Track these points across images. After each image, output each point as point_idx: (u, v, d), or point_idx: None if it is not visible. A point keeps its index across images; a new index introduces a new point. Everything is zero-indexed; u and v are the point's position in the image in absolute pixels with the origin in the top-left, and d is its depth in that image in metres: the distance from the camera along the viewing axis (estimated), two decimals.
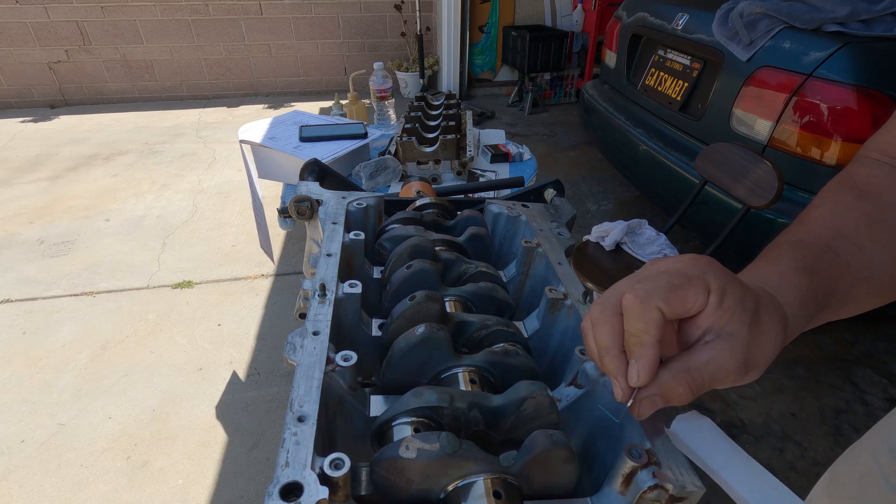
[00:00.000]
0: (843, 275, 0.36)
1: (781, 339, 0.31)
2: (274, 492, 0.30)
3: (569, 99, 4.73)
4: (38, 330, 2.02)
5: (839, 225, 0.38)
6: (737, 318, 0.30)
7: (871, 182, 0.42)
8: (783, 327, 0.32)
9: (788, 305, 0.33)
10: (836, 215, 0.39)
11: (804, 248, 0.36)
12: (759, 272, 0.35)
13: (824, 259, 0.36)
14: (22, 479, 1.48)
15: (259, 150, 1.49)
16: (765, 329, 0.30)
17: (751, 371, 0.30)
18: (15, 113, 4.33)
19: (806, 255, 0.36)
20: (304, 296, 0.50)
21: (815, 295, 0.34)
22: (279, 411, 1.69)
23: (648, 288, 0.30)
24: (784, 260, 0.35)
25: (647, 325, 0.30)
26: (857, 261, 0.37)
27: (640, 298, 0.30)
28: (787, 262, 0.35)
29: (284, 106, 4.60)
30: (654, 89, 2.31)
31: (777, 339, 0.31)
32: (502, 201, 0.69)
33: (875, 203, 0.40)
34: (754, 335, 0.30)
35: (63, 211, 2.85)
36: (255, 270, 2.38)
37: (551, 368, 0.53)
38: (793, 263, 0.35)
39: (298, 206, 0.62)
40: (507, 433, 0.39)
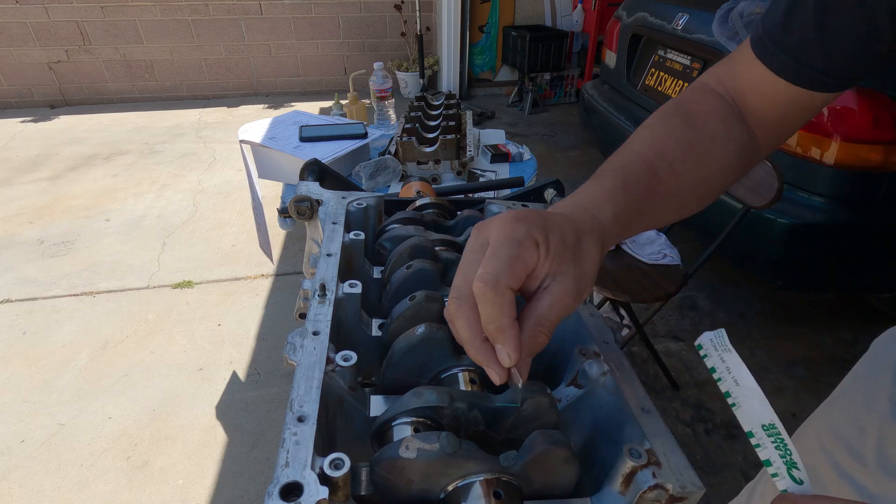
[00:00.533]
0: (656, 192, 0.41)
1: (600, 256, 0.36)
2: (274, 492, 0.30)
3: (569, 99, 4.73)
4: (38, 330, 2.02)
5: (662, 146, 0.43)
6: (563, 259, 0.33)
7: (700, 111, 0.46)
8: (601, 245, 0.36)
9: (607, 221, 0.37)
10: (662, 137, 0.44)
11: (627, 169, 0.40)
12: (586, 192, 0.39)
13: (643, 178, 0.40)
14: (22, 479, 1.48)
15: (259, 150, 1.49)
16: (586, 253, 0.34)
17: (584, 293, 0.34)
18: (15, 113, 4.33)
19: (627, 174, 0.40)
20: (304, 296, 0.50)
21: (630, 210, 0.39)
22: (279, 411, 1.69)
23: (494, 270, 0.31)
24: (608, 180, 0.40)
25: (503, 308, 0.31)
26: (670, 180, 0.41)
27: (490, 285, 0.31)
28: (611, 181, 0.39)
29: (284, 106, 4.60)
30: (654, 89, 2.31)
31: (597, 257, 0.35)
32: (502, 201, 0.69)
33: (697, 131, 0.45)
34: (579, 265, 0.34)
35: (63, 211, 2.85)
36: (255, 270, 2.38)
37: (551, 368, 0.53)
38: (615, 182, 0.39)
39: (298, 206, 0.62)
40: (507, 433, 0.39)
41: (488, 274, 0.31)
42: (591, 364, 0.43)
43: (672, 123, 0.45)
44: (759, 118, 0.48)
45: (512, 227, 0.32)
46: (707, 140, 0.44)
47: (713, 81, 0.49)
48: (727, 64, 0.49)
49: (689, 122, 0.45)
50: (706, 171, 0.44)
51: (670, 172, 0.41)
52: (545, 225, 0.33)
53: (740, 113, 0.47)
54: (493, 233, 0.33)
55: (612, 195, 0.38)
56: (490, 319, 0.31)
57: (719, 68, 0.50)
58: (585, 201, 0.38)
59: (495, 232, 0.32)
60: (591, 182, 0.40)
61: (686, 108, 0.46)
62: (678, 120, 0.45)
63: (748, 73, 0.47)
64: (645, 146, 0.42)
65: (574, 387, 0.43)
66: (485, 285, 0.30)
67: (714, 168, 0.45)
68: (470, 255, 0.33)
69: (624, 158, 0.42)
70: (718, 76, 0.49)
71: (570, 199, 0.38)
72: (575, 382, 0.43)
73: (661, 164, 0.41)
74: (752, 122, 0.48)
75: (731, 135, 0.46)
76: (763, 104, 0.47)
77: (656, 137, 0.43)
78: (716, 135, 0.45)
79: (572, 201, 0.38)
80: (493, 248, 0.32)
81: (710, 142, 0.44)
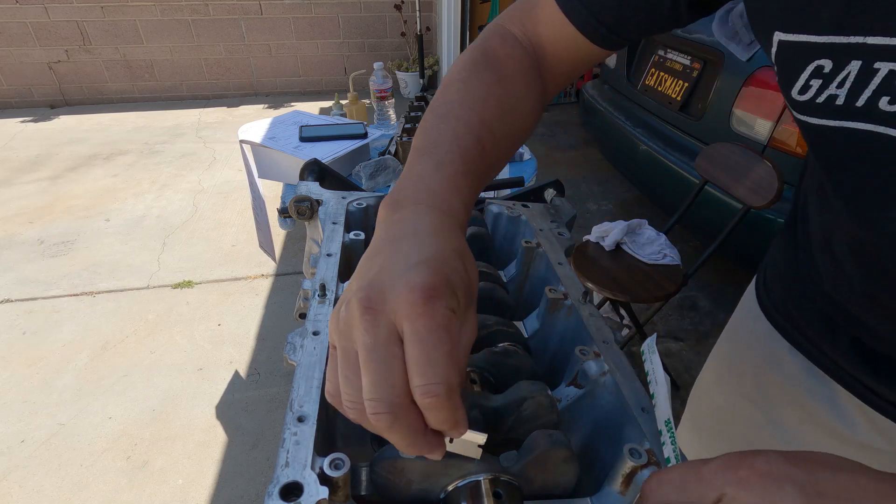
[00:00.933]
0: (486, 167, 0.40)
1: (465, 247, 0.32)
2: (274, 492, 0.30)
3: (569, 99, 4.73)
4: (38, 330, 2.02)
5: (483, 113, 0.41)
6: (469, 301, 0.29)
7: (509, 65, 0.45)
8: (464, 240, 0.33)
9: (461, 216, 0.35)
10: (480, 99, 0.41)
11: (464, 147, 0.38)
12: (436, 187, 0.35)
13: (476, 156, 0.38)
14: (22, 479, 1.48)
15: (259, 150, 1.49)
16: (470, 272, 0.31)
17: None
18: (15, 113, 4.33)
19: (464, 153, 0.37)
20: (304, 296, 0.50)
21: (472, 193, 0.37)
22: (279, 411, 1.69)
23: (440, 378, 0.25)
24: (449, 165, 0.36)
25: (458, 406, 0.26)
26: (494, 150, 0.40)
27: (444, 395, 0.25)
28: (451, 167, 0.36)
29: (284, 106, 4.60)
30: (654, 89, 2.32)
31: (472, 263, 0.32)
32: (502, 201, 0.69)
33: (508, 90, 0.43)
34: (474, 290, 0.30)
35: (63, 211, 2.85)
36: (255, 270, 2.38)
37: (551, 368, 0.53)
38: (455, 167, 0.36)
39: (298, 206, 0.62)
40: (507, 433, 0.39)
41: (437, 385, 0.25)
42: (591, 364, 0.43)
43: (486, 80, 0.43)
44: (553, 68, 0.49)
45: (432, 312, 0.25)
46: (516, 101, 0.44)
47: (516, 29, 0.49)
48: (530, 10, 0.49)
49: (500, 79, 0.44)
50: (516, 132, 0.44)
51: (493, 143, 0.40)
52: (452, 284, 0.27)
53: (538, 64, 0.48)
54: (407, 321, 0.25)
55: (458, 184, 0.36)
56: (445, 420, 0.26)
57: (522, 14, 0.49)
58: (440, 201, 0.34)
59: (412, 321, 0.25)
60: (435, 168, 0.36)
61: (496, 61, 0.45)
62: (490, 76, 0.44)
63: (550, 23, 0.47)
64: (466, 110, 0.40)
65: (574, 387, 0.43)
66: (438, 398, 0.25)
67: (520, 128, 0.45)
68: (380, 351, 0.25)
69: (453, 131, 0.39)
70: (522, 22, 0.49)
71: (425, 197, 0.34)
72: (575, 382, 0.43)
73: (486, 135, 0.40)
74: (546, 73, 0.49)
75: (533, 91, 0.46)
76: (560, 55, 0.48)
77: (475, 100, 0.41)
78: (523, 94, 0.45)
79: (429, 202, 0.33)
80: (421, 346, 0.25)
81: (518, 102, 0.44)
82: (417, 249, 0.29)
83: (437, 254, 0.29)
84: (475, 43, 0.48)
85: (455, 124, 0.39)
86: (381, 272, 0.28)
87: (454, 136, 0.38)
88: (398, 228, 0.31)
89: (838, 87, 0.32)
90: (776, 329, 0.60)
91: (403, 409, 0.25)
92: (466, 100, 0.41)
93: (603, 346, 0.45)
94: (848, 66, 0.32)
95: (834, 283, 0.49)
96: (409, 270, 0.27)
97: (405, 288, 0.26)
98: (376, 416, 0.25)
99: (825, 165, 0.39)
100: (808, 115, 0.35)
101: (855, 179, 0.36)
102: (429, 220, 0.32)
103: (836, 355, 0.52)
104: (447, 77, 0.45)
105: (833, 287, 0.49)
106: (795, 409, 0.58)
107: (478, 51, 0.46)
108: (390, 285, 0.27)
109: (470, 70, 0.44)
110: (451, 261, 0.29)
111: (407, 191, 0.34)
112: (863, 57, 0.31)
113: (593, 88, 2.89)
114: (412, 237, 0.30)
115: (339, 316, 0.28)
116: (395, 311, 0.26)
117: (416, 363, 0.25)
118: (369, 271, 0.29)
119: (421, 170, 0.36)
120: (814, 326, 0.54)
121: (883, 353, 0.46)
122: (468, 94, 0.42)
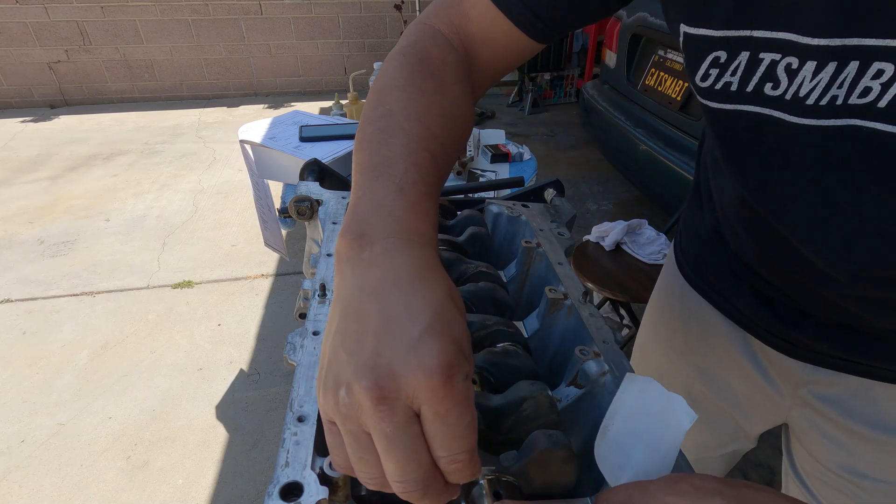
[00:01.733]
0: (440, 181, 0.37)
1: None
2: (274, 492, 0.30)
3: (569, 99, 4.73)
4: (38, 330, 2.02)
5: (429, 124, 0.38)
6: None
7: (447, 71, 0.43)
8: (443, 269, 0.31)
9: (432, 239, 0.32)
10: (424, 109, 0.39)
11: (419, 165, 0.35)
12: (407, 219, 0.31)
13: (433, 173, 0.36)
14: (22, 479, 1.48)
15: (259, 150, 1.49)
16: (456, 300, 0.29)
17: None
18: (15, 113, 4.33)
19: (421, 171, 0.34)
20: (304, 296, 0.50)
21: (435, 212, 0.34)
22: (279, 411, 1.69)
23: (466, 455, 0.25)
24: (411, 189, 0.33)
25: (476, 463, 0.26)
26: (444, 163, 0.38)
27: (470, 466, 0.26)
28: (414, 190, 0.33)
29: (284, 106, 4.60)
30: (654, 89, 2.31)
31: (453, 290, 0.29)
32: (502, 201, 0.69)
33: (450, 98, 0.42)
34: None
35: (63, 211, 2.85)
36: (255, 270, 2.38)
37: (551, 368, 0.53)
38: (419, 190, 0.33)
39: (298, 206, 0.62)
40: (507, 433, 0.39)
41: (461, 454, 0.25)
42: (591, 364, 0.43)
43: (427, 89, 0.41)
44: (483, 68, 0.48)
45: (452, 392, 0.24)
46: (457, 108, 0.42)
47: (446, 29, 0.47)
48: (457, 7, 0.47)
49: (441, 86, 0.42)
50: (460, 142, 0.42)
51: (444, 156, 0.38)
52: (461, 346, 0.26)
53: (469, 65, 0.47)
54: (428, 405, 0.24)
55: (424, 207, 0.33)
56: (466, 477, 0.26)
57: (449, 11, 0.47)
58: (412, 231, 0.31)
59: (433, 405, 0.24)
60: (398, 192, 0.32)
61: (433, 67, 0.43)
62: (431, 83, 0.41)
63: (482, 19, 0.46)
64: (413, 122, 0.37)
65: (574, 387, 0.43)
66: (462, 464, 0.25)
67: (461, 137, 0.42)
68: (402, 437, 0.24)
69: (405, 147, 0.35)
70: (451, 21, 0.47)
71: (395, 229, 0.30)
72: (575, 382, 0.43)
73: (437, 148, 0.37)
74: (476, 74, 0.47)
75: (466, 96, 0.44)
76: (492, 54, 0.47)
77: (420, 111, 0.39)
78: (462, 101, 0.43)
79: (401, 234, 0.30)
80: (444, 426, 0.24)
81: (459, 110, 0.42)
82: (412, 309, 0.26)
83: (436, 310, 0.26)
84: (405, 45, 0.45)
85: (405, 139, 0.36)
86: (380, 347, 0.25)
87: (408, 153, 0.35)
88: (374, 275, 0.28)
89: (731, 74, 0.37)
90: (690, 285, 0.66)
91: (431, 479, 0.25)
92: (411, 110, 0.38)
93: (603, 346, 0.45)
94: (739, 56, 0.36)
95: (732, 240, 0.55)
96: (417, 346, 0.24)
97: (422, 372, 0.24)
98: (407, 494, 0.25)
99: (720, 140, 0.44)
100: (709, 99, 0.40)
101: (743, 152, 0.42)
102: (408, 261, 0.29)
103: (740, 304, 0.58)
104: (379, 82, 0.42)
105: (732, 243, 0.55)
106: (720, 357, 0.65)
107: (412, 55, 0.44)
108: (400, 367, 0.24)
109: (407, 76, 0.42)
110: (449, 313, 0.27)
111: (370, 222, 0.31)
112: (750, 48, 0.35)
113: (593, 88, 2.89)
114: (397, 288, 0.27)
115: (337, 398, 0.25)
116: (411, 396, 0.24)
117: (440, 439, 0.25)
118: (362, 343, 0.25)
119: (382, 195, 0.32)
120: (721, 280, 0.60)
121: (777, 299, 0.53)
122: (411, 104, 0.39)
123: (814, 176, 0.37)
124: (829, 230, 0.38)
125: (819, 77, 0.33)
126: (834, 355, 0.52)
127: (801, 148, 0.36)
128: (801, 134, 0.35)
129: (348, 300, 0.28)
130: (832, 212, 0.37)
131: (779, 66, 0.34)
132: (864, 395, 0.52)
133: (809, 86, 0.33)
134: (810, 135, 0.35)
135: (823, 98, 0.33)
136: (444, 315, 0.26)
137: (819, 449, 0.59)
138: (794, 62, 0.33)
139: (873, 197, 0.34)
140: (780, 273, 0.50)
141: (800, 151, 0.36)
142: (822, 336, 0.51)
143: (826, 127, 0.34)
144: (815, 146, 0.35)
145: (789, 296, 0.51)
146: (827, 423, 0.57)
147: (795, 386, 0.58)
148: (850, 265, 0.39)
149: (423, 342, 0.25)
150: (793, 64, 0.33)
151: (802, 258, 0.43)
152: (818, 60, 0.32)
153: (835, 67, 0.32)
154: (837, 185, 0.36)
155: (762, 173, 0.41)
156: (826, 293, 0.46)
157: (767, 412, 0.65)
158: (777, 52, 0.34)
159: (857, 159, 0.34)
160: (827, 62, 0.32)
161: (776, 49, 0.34)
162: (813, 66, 0.32)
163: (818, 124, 0.34)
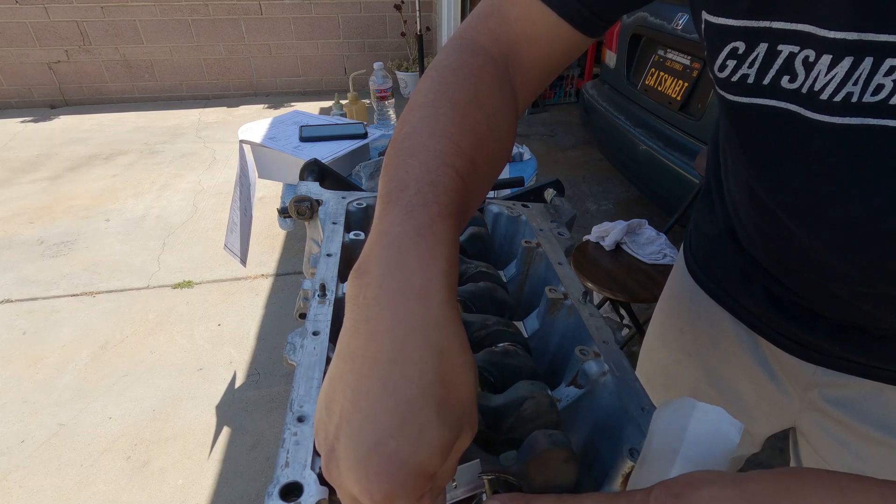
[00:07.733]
0: (469, 201, 0.34)
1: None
2: (274, 492, 0.30)
3: (569, 99, 4.73)
4: (38, 330, 2.02)
5: (458, 137, 0.35)
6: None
7: (481, 80, 0.41)
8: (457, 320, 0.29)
9: (443, 272, 0.28)
10: (453, 123, 0.36)
11: (438, 186, 0.31)
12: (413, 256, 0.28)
13: (456, 192, 0.32)
14: (22, 479, 1.48)
15: (259, 150, 1.49)
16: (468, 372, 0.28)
17: None
18: (15, 113, 4.33)
19: (441, 197, 0.31)
20: (304, 296, 0.50)
21: (455, 235, 0.31)
22: (279, 411, 1.69)
23: None
24: (441, 224, 0.30)
25: None
26: (474, 180, 0.35)
27: None
28: (428, 213, 0.30)
29: (284, 106, 4.60)
30: (654, 89, 2.32)
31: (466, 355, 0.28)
32: (502, 201, 0.69)
33: (484, 108, 0.38)
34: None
35: (63, 211, 2.85)
36: (255, 270, 2.38)
37: (551, 368, 0.53)
38: (434, 211, 0.30)
39: (298, 206, 0.62)
40: (507, 433, 0.39)
41: None
42: (591, 364, 0.43)
43: (459, 101, 0.38)
44: (528, 71, 0.45)
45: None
46: (491, 120, 0.39)
47: (484, 38, 0.44)
48: (497, 12, 0.44)
49: (475, 98, 0.38)
50: (493, 155, 0.38)
51: (473, 171, 0.35)
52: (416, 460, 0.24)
53: (511, 75, 0.44)
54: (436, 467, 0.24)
55: (437, 233, 0.29)
56: None
57: (487, 20, 0.45)
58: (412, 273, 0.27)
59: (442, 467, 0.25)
60: (405, 218, 0.29)
61: (467, 78, 0.40)
62: (464, 95, 0.38)
63: (524, 18, 0.43)
64: (439, 139, 0.34)
65: (574, 387, 0.43)
66: None
67: (496, 151, 0.39)
68: None
69: (423, 166, 0.32)
70: (489, 29, 0.44)
71: (395, 269, 0.27)
72: (575, 382, 0.43)
73: (465, 165, 0.34)
74: (520, 79, 0.45)
75: (507, 108, 0.41)
76: (538, 53, 0.44)
77: (448, 124, 0.36)
78: (497, 111, 0.40)
79: (399, 275, 0.27)
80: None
81: (494, 121, 0.39)
82: (376, 407, 0.24)
83: (402, 417, 0.24)
84: (439, 60, 0.42)
85: (425, 157, 0.33)
86: (340, 437, 0.24)
87: (425, 171, 0.32)
88: (361, 333, 0.26)
89: (749, 66, 0.37)
90: (699, 286, 0.66)
91: None
92: (436, 126, 0.35)
93: (603, 346, 0.45)
94: (757, 48, 0.36)
95: (743, 239, 0.55)
96: (365, 460, 0.23)
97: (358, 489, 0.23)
98: None
99: (738, 134, 0.44)
100: (726, 91, 0.40)
101: (758, 145, 0.42)
102: (394, 325, 0.25)
103: (751, 305, 0.58)
104: (409, 103, 0.39)
105: (744, 242, 0.55)
106: (728, 360, 0.65)
107: (445, 69, 0.41)
108: (346, 473, 0.24)
109: (438, 91, 0.38)
110: (421, 415, 0.24)
111: (372, 254, 0.28)
112: (769, 40, 0.35)
113: (593, 88, 2.89)
114: (373, 366, 0.25)
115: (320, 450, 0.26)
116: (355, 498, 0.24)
117: None
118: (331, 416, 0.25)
119: (387, 225, 0.29)
120: (732, 281, 0.60)
121: (789, 299, 0.53)
122: (437, 119, 0.36)
123: (827, 171, 0.37)
124: (841, 225, 0.38)
125: (834, 71, 0.32)
126: (845, 357, 0.52)
127: (816, 143, 0.36)
128: (817, 130, 0.35)
129: (340, 352, 0.27)
130: (844, 207, 0.37)
131: (797, 59, 0.34)
132: (875, 398, 0.52)
133: (824, 80, 0.33)
134: (826, 131, 0.35)
135: (838, 94, 0.33)
136: (411, 422, 0.23)
137: (828, 452, 0.59)
138: (812, 55, 0.33)
139: (886, 192, 0.34)
140: (792, 271, 0.50)
141: (814, 146, 0.36)
142: (835, 338, 0.51)
143: (841, 125, 0.34)
144: (830, 142, 0.35)
145: (801, 295, 0.51)
146: (836, 426, 0.56)
147: (805, 388, 0.58)
148: (862, 259, 0.39)
149: (370, 460, 0.23)
150: (810, 57, 0.33)
151: (814, 254, 0.43)
152: (834, 54, 0.32)
153: (850, 63, 0.31)
154: (850, 180, 0.36)
155: (776, 167, 0.41)
156: (838, 291, 0.46)
157: (775, 416, 0.65)
158: (795, 45, 0.34)
159: (870, 155, 0.34)
160: (843, 56, 0.31)
161: (795, 41, 0.33)
162: (828, 60, 0.32)
163: (833, 122, 0.34)
